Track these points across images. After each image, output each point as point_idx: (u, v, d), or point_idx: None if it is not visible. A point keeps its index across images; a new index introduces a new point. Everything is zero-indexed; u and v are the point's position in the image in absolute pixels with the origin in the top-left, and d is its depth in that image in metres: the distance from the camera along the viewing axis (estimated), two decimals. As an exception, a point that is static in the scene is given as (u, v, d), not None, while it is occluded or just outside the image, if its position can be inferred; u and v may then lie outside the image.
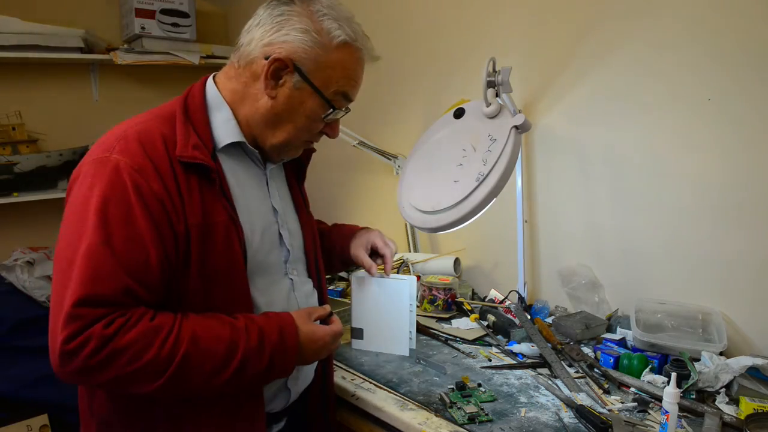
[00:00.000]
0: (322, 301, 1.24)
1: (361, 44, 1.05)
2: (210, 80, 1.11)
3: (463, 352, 1.47)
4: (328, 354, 1.13)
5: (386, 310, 1.42)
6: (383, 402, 1.22)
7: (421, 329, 1.62)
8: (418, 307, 1.83)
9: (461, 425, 1.11)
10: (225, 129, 1.05)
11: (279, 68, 1.01)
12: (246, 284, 1.03)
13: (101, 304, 0.87)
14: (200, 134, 1.02)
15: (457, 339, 1.54)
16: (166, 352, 0.89)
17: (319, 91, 1.03)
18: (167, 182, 0.94)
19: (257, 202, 1.10)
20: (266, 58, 1.01)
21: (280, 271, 1.14)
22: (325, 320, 1.12)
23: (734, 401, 1.18)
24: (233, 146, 1.07)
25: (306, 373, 1.19)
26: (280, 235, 1.14)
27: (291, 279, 1.16)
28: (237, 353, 0.94)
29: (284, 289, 1.14)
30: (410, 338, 1.46)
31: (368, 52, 1.08)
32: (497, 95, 1.52)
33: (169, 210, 0.94)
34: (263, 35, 1.02)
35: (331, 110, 1.06)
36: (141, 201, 0.91)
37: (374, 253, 1.40)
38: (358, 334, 1.46)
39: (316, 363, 1.22)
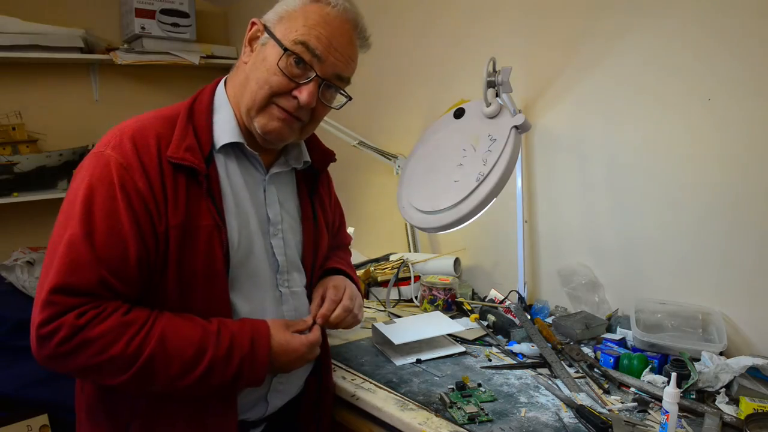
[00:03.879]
0: None
1: (332, 1, 1.02)
2: (221, 82, 1.11)
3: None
4: (304, 364, 1.10)
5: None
6: (383, 402, 1.22)
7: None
8: (417, 307, 1.84)
9: (461, 425, 1.11)
10: (224, 129, 1.05)
11: (255, 33, 1.05)
12: (225, 290, 1.02)
13: (76, 293, 0.89)
14: (200, 136, 1.02)
15: (458, 339, 1.54)
16: (133, 349, 0.90)
17: (277, 40, 1.01)
18: (153, 182, 0.95)
19: (251, 209, 1.08)
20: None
21: (270, 282, 1.11)
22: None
23: (734, 401, 1.18)
24: (234, 148, 1.06)
25: (290, 388, 1.17)
26: (271, 244, 1.12)
27: (280, 291, 1.13)
28: (204, 358, 0.94)
29: (273, 300, 1.11)
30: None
31: (342, 7, 1.03)
32: (497, 95, 1.52)
33: (151, 209, 0.95)
34: None
35: (284, 53, 1.00)
36: (125, 197, 0.93)
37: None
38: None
39: (304, 377, 1.20)
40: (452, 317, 1.66)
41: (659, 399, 1.14)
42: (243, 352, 0.98)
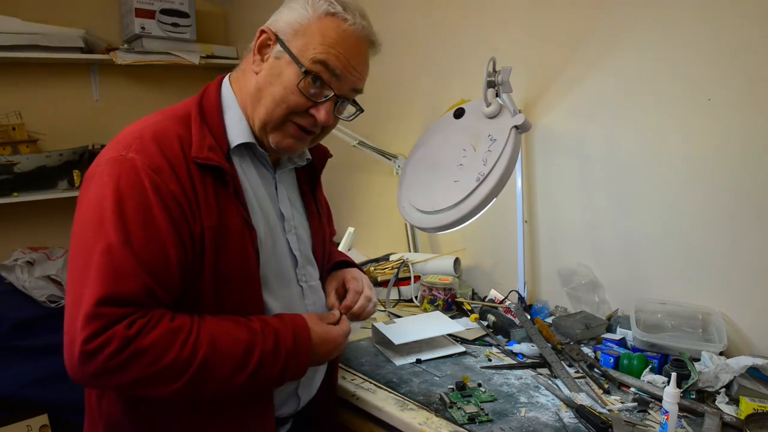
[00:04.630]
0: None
1: (348, 17, 1.00)
2: (225, 79, 1.10)
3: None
4: (338, 353, 1.12)
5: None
6: (383, 402, 1.22)
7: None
8: (417, 307, 1.84)
9: (461, 425, 1.11)
10: (236, 129, 1.05)
11: (265, 41, 1.02)
12: (259, 288, 1.03)
13: (123, 303, 0.86)
14: (215, 135, 1.01)
15: (458, 339, 1.54)
16: (187, 354, 0.89)
17: (294, 57, 0.99)
18: (184, 183, 0.94)
19: (267, 206, 1.09)
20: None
21: (292, 278, 1.13)
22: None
23: (734, 401, 1.18)
24: (245, 148, 1.06)
25: (316, 382, 1.19)
26: (287, 241, 1.13)
27: (301, 286, 1.14)
28: (254, 356, 0.94)
29: (295, 296, 1.13)
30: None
31: (359, 26, 1.01)
32: (497, 95, 1.52)
33: (186, 211, 0.93)
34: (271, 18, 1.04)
35: (303, 75, 0.99)
36: (160, 201, 0.91)
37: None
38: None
39: (324, 373, 1.22)
40: (452, 317, 1.66)
41: (659, 399, 1.14)
42: (288, 346, 0.98)
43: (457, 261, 1.95)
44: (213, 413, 1.00)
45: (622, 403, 1.19)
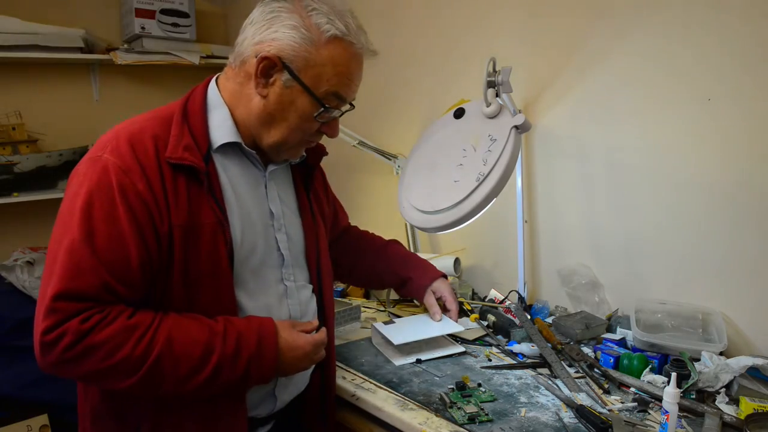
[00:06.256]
0: (322, 309, 1.22)
1: (354, 38, 1.02)
2: (212, 81, 1.11)
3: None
4: (310, 364, 1.11)
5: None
6: (383, 402, 1.22)
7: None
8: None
9: (461, 425, 1.11)
10: (221, 129, 1.05)
11: (268, 66, 1.01)
12: (231, 287, 1.03)
13: (79, 298, 0.89)
14: (196, 135, 1.02)
15: (458, 339, 1.54)
16: (140, 352, 0.90)
17: (309, 89, 1.01)
18: (153, 183, 0.95)
19: (252, 205, 1.09)
20: (257, 57, 1.01)
21: (274, 277, 1.12)
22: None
23: (734, 401, 1.18)
24: (231, 147, 1.07)
25: (296, 382, 1.18)
26: (275, 239, 1.13)
27: (285, 285, 1.14)
28: (212, 358, 0.95)
29: (277, 295, 1.12)
30: None
31: (364, 46, 1.04)
32: (497, 95, 1.52)
33: (153, 211, 0.95)
34: (254, 33, 1.02)
35: (323, 109, 1.04)
36: (125, 201, 0.93)
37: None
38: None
39: (309, 371, 1.20)
40: (452, 317, 1.66)
41: (659, 399, 1.14)
42: (250, 350, 0.98)
43: (457, 261, 1.95)
44: (183, 407, 1.01)
45: (622, 403, 1.20)
